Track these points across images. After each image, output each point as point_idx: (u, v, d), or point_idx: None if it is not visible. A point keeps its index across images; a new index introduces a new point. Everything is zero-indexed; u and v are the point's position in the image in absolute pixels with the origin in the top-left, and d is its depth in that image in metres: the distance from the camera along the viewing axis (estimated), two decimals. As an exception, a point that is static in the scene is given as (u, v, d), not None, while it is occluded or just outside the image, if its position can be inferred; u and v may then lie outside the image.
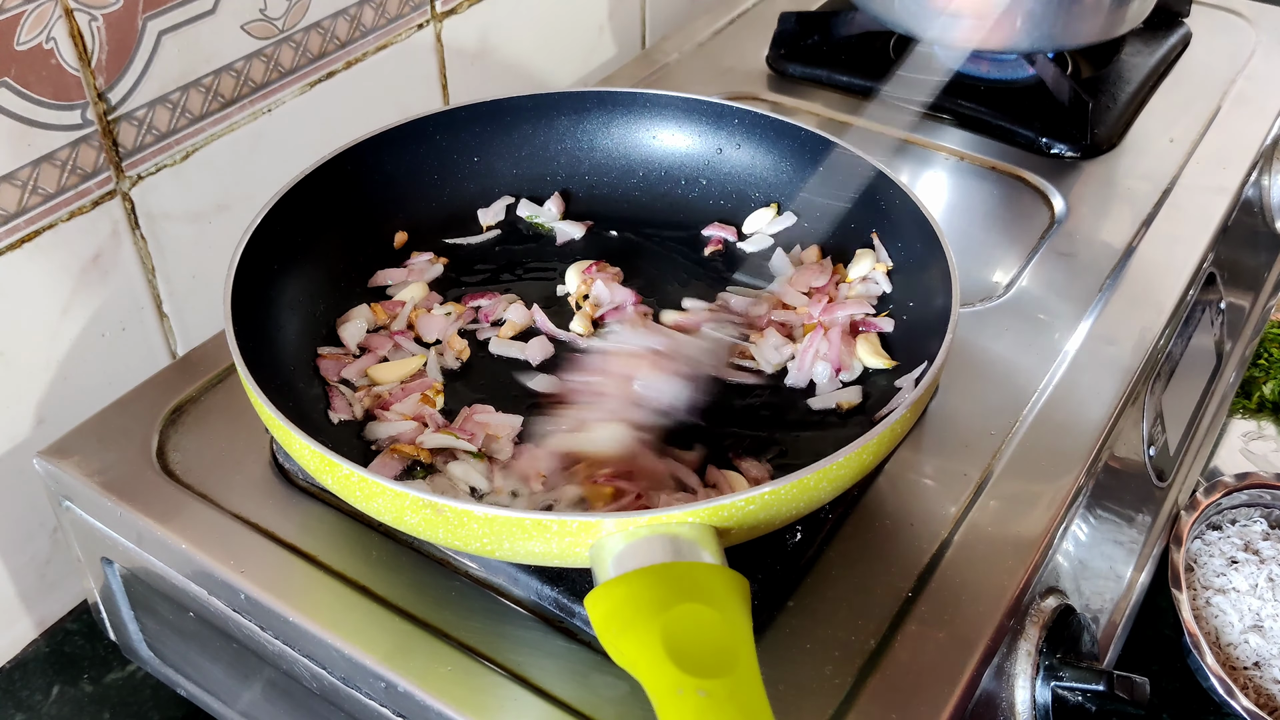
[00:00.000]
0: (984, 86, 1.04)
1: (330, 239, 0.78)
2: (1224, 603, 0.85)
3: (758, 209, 0.84)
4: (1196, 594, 0.86)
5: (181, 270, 0.85)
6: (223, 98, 0.83)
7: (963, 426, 0.73)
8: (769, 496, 0.54)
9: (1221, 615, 0.85)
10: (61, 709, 0.80)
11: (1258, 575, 0.86)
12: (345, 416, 0.69)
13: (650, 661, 0.48)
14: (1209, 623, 0.85)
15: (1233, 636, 0.84)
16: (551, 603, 0.62)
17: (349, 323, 0.75)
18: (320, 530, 0.67)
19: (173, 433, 0.73)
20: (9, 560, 0.81)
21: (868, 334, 0.74)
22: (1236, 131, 1.01)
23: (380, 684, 0.60)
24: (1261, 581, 0.85)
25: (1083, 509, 0.72)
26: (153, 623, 0.76)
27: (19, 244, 0.74)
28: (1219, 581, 0.86)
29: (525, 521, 0.53)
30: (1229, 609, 0.85)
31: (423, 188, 0.83)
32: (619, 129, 0.86)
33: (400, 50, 0.96)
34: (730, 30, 1.16)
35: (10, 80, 0.70)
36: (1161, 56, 1.09)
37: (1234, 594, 0.85)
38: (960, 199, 0.94)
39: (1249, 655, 0.83)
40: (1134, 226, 0.90)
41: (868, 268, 0.77)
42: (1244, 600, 0.85)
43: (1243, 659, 0.83)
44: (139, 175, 0.80)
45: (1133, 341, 0.80)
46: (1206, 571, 0.87)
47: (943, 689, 0.58)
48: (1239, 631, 0.84)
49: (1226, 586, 0.86)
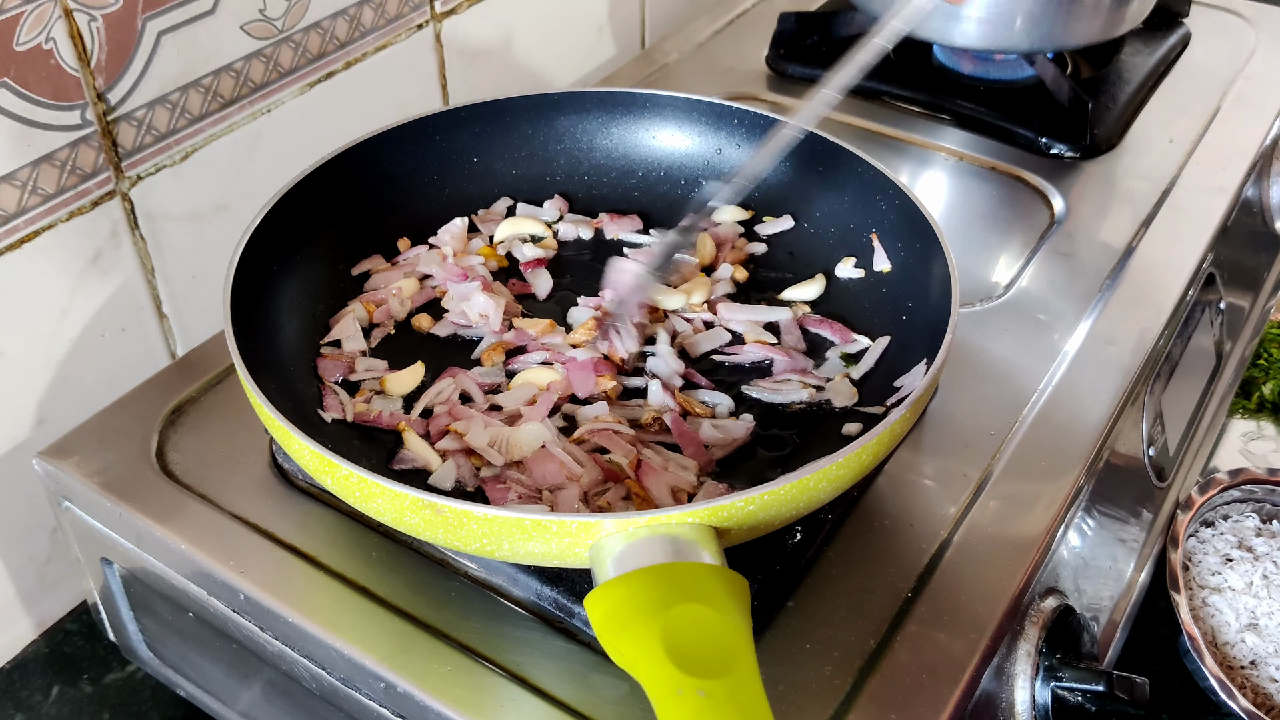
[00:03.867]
0: (984, 86, 1.04)
1: (330, 239, 0.78)
2: (1220, 602, 0.85)
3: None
4: (1193, 593, 0.86)
5: (181, 270, 0.85)
6: (222, 98, 0.83)
7: (963, 426, 0.73)
8: (769, 496, 0.54)
9: (1218, 615, 0.85)
10: (61, 709, 0.80)
11: (1252, 573, 0.86)
12: (336, 415, 0.69)
13: (650, 662, 0.48)
14: (1206, 622, 0.85)
15: (1229, 635, 0.84)
16: (551, 603, 0.62)
17: (342, 320, 0.75)
18: (320, 530, 0.67)
19: (172, 433, 0.73)
20: (9, 560, 0.81)
21: None
22: (1236, 131, 1.01)
23: (380, 684, 0.60)
24: (1256, 579, 0.86)
25: (1083, 509, 0.72)
26: (152, 623, 0.76)
27: (19, 244, 0.74)
28: (1215, 580, 0.87)
29: (525, 522, 0.53)
30: (1225, 608, 0.85)
31: (423, 188, 0.83)
32: (619, 129, 0.86)
33: (400, 50, 0.96)
34: (730, 30, 1.16)
35: (10, 80, 0.70)
36: (1161, 56, 1.09)
37: (1230, 593, 0.85)
38: (960, 199, 0.94)
39: (1245, 654, 0.83)
40: (1134, 226, 0.90)
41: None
42: (1239, 599, 0.85)
43: (1240, 658, 0.83)
44: (138, 175, 0.80)
45: (1133, 341, 0.80)
46: (1202, 570, 0.87)
47: (943, 689, 0.58)
48: (1235, 630, 0.84)
49: (1222, 585, 0.86)
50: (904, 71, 1.06)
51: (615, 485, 0.64)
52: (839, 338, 0.75)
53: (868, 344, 0.74)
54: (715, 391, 0.71)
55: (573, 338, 0.74)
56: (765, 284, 0.80)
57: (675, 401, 0.70)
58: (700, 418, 0.69)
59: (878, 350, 0.74)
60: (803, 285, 0.79)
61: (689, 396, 0.71)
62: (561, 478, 0.64)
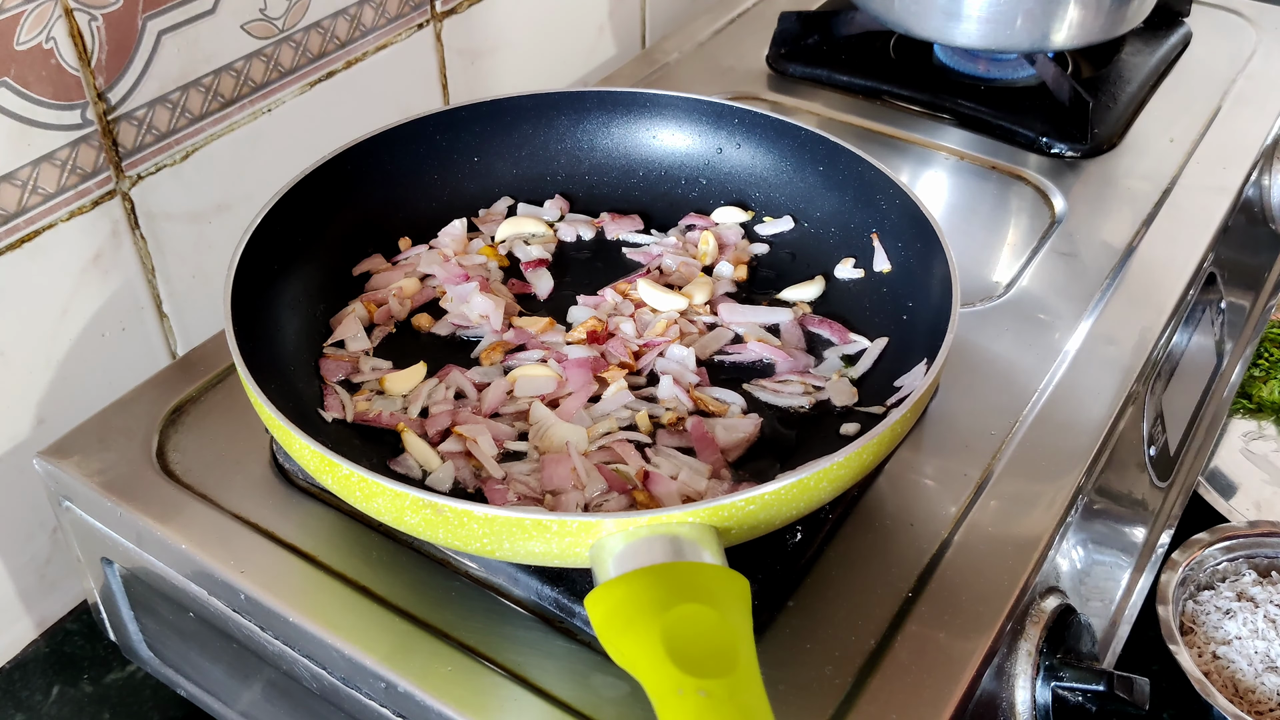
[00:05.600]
0: (984, 86, 1.04)
1: (330, 239, 0.78)
2: (1230, 652, 0.86)
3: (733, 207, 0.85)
4: (1201, 651, 0.87)
5: (181, 270, 0.85)
6: (223, 98, 0.83)
7: (963, 426, 0.73)
8: (769, 496, 0.54)
9: (1233, 664, 0.86)
10: (61, 709, 0.80)
11: (1255, 619, 0.87)
12: (337, 415, 0.69)
13: (650, 661, 0.48)
14: (1220, 675, 0.86)
15: (1250, 681, 0.84)
16: (551, 603, 0.62)
17: (345, 321, 0.75)
18: (320, 530, 0.67)
19: (173, 433, 0.73)
20: (9, 560, 0.81)
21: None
22: (1237, 131, 1.01)
23: (380, 684, 0.60)
24: (1261, 624, 0.87)
25: (1083, 509, 0.72)
26: (153, 623, 0.76)
27: (19, 244, 0.74)
28: (1219, 634, 0.88)
29: (525, 522, 0.53)
30: (1237, 657, 0.86)
31: (423, 188, 0.83)
32: (619, 129, 0.86)
33: (400, 50, 0.96)
34: (730, 30, 1.16)
35: (10, 80, 0.70)
36: (1162, 56, 1.09)
37: (1237, 642, 0.86)
38: (960, 199, 0.94)
39: (1270, 695, 0.83)
40: (1134, 226, 0.90)
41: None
42: (1248, 644, 0.86)
43: (1266, 700, 0.83)
44: (139, 175, 0.80)
45: (1133, 341, 0.80)
46: (1206, 628, 0.88)
47: (943, 689, 0.58)
48: (1254, 676, 0.84)
49: (1229, 637, 0.87)
50: (904, 71, 1.06)
51: (617, 495, 0.64)
52: (837, 338, 0.75)
53: (866, 344, 0.74)
54: (727, 390, 0.71)
55: (571, 336, 0.74)
56: (766, 284, 0.80)
57: (690, 399, 0.70)
58: (716, 417, 0.69)
59: (875, 351, 0.73)
60: (803, 285, 0.79)
61: (702, 394, 0.71)
62: (569, 485, 0.64)
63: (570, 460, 0.64)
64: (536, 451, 0.66)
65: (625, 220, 0.84)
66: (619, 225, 0.84)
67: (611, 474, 0.64)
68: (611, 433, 0.67)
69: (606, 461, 0.65)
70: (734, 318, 0.76)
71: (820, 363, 0.74)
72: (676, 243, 0.82)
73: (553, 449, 0.66)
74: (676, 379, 0.71)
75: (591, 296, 0.78)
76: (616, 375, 0.71)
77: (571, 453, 0.65)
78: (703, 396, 0.70)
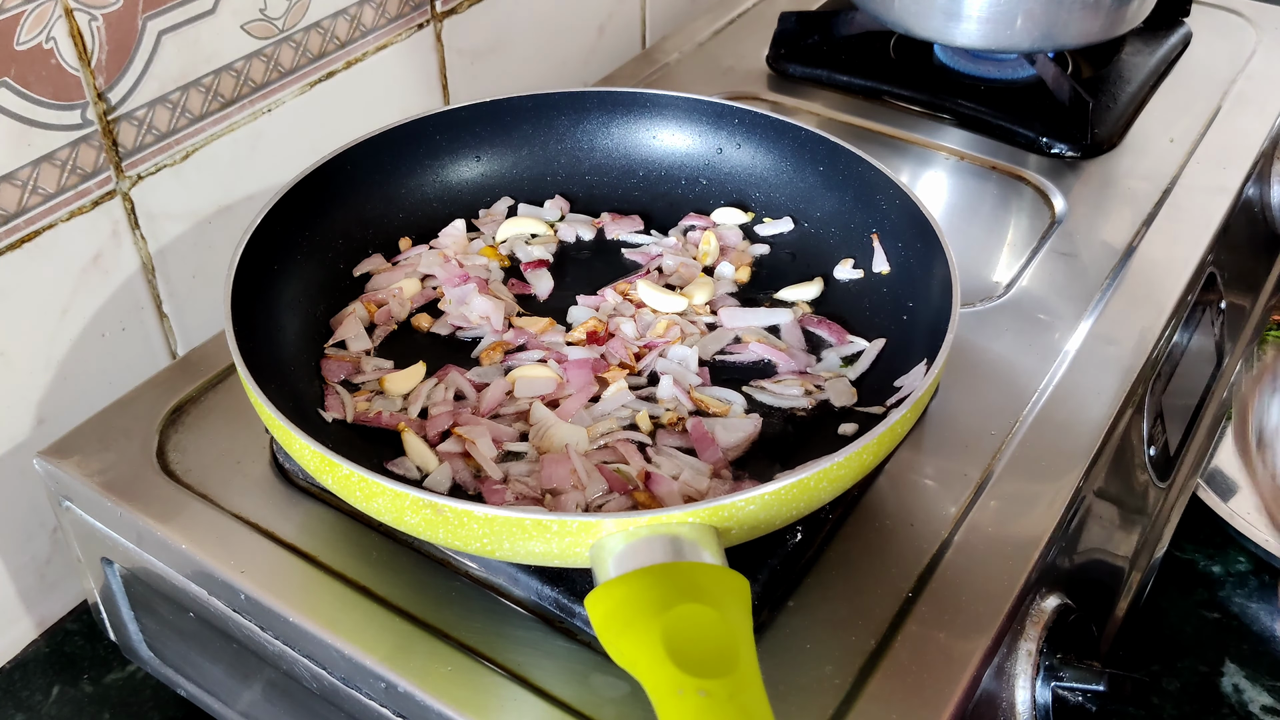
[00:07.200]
0: (984, 86, 1.04)
1: (331, 239, 0.78)
2: None
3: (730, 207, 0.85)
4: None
5: (181, 270, 0.85)
6: (223, 98, 0.83)
7: (963, 426, 0.73)
8: (769, 496, 0.54)
9: None
10: (61, 709, 0.80)
11: None
12: (337, 415, 0.69)
13: (650, 661, 0.48)
14: None
15: None
16: (551, 603, 0.62)
17: (345, 321, 0.75)
18: (320, 530, 0.67)
19: (173, 433, 0.73)
20: (9, 560, 0.81)
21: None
22: (1237, 131, 1.01)
23: (380, 684, 0.60)
24: None
25: (1083, 509, 0.72)
26: (153, 623, 0.76)
27: (19, 244, 0.74)
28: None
29: (525, 521, 0.53)
30: None
31: (423, 187, 0.83)
32: (619, 129, 0.86)
33: (400, 50, 0.96)
34: (730, 30, 1.16)
35: (10, 80, 0.70)
36: (1162, 56, 1.09)
37: None
38: (960, 199, 0.94)
39: None
40: (1134, 226, 0.90)
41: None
42: None
43: None
44: (139, 175, 0.80)
45: (1133, 341, 0.80)
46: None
47: (943, 689, 0.58)
48: None
49: None
50: (904, 71, 1.06)
51: (618, 495, 0.64)
52: (835, 339, 0.75)
53: (864, 345, 0.74)
54: (728, 390, 0.71)
55: (572, 336, 0.74)
56: (766, 284, 0.80)
57: (690, 401, 0.70)
58: (716, 417, 0.69)
59: (873, 352, 0.73)
60: (802, 285, 0.79)
61: (703, 394, 0.71)
62: (568, 485, 0.64)
63: (570, 460, 0.65)
64: (536, 452, 0.67)
65: (625, 220, 0.84)
66: (619, 225, 0.84)
67: (612, 474, 0.64)
68: (612, 432, 0.67)
69: (607, 462, 0.65)
70: (734, 322, 0.76)
71: (820, 362, 0.74)
72: (676, 243, 0.82)
73: (553, 449, 0.66)
74: (677, 379, 0.71)
75: (591, 297, 0.78)
76: (617, 376, 0.71)
77: (571, 453, 0.65)
78: (703, 397, 0.70)
